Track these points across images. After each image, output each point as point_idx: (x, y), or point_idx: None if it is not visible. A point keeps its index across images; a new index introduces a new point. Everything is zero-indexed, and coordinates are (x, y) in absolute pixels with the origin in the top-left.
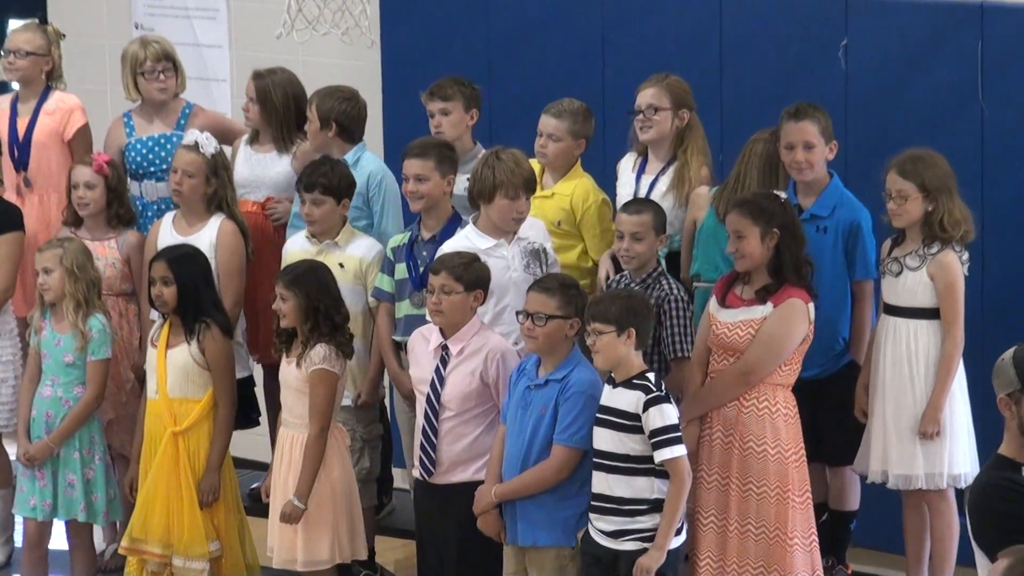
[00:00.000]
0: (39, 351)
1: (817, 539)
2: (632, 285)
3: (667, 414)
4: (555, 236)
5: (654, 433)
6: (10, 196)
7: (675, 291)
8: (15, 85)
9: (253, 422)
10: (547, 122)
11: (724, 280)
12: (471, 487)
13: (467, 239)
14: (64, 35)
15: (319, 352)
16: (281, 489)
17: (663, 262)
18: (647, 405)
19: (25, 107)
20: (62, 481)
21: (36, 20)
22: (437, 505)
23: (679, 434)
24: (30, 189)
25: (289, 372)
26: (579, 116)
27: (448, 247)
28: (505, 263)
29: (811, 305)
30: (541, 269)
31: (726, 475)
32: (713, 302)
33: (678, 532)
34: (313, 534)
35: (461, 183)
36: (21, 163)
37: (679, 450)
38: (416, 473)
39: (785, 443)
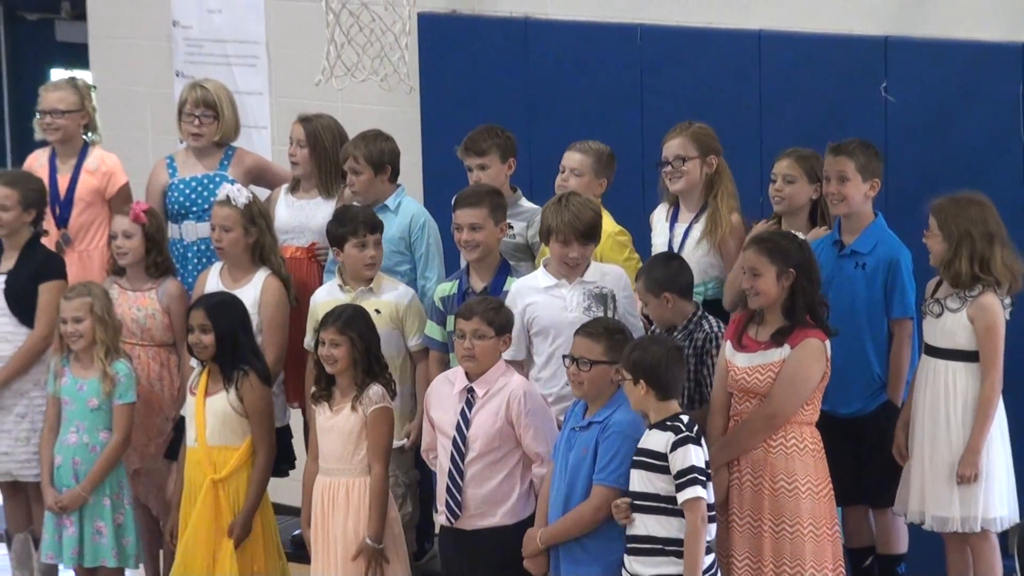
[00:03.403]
0: (59, 398)
1: (844, 571)
2: (675, 335)
3: (691, 455)
4: None
5: (678, 475)
6: None
7: (716, 329)
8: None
9: (283, 472)
10: (571, 157)
11: (736, 322)
12: (498, 533)
13: (535, 277)
14: (95, 86)
15: (377, 391)
16: (322, 538)
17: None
18: (674, 446)
19: (64, 164)
20: (89, 528)
21: (65, 77)
22: (465, 552)
23: (701, 476)
24: (70, 246)
25: (338, 419)
26: (603, 156)
27: (516, 285)
28: (563, 303)
29: (827, 343)
30: (606, 314)
31: (758, 516)
32: (728, 347)
33: None
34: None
35: None
36: (62, 220)
37: (696, 491)
38: (443, 519)
39: (815, 479)
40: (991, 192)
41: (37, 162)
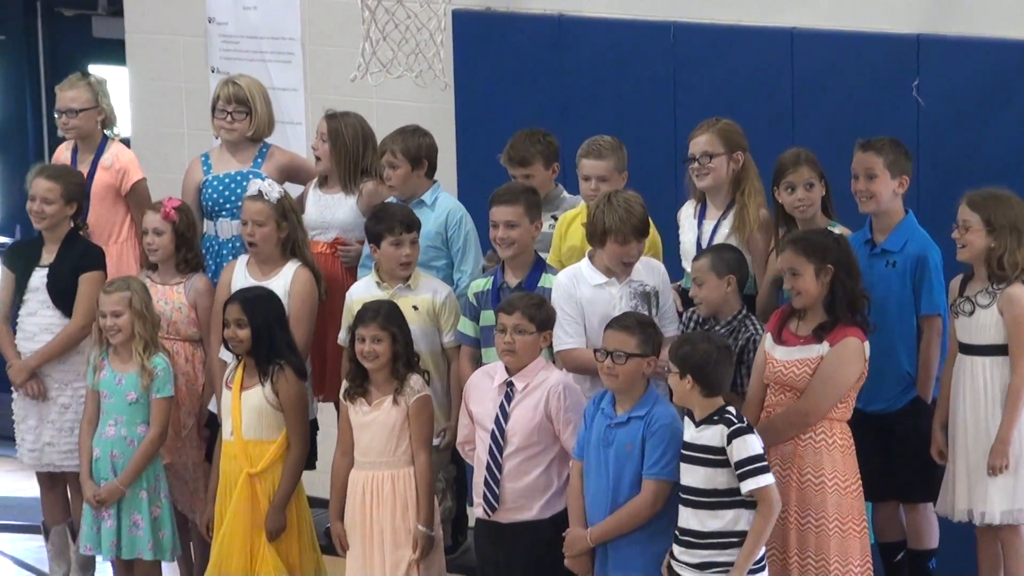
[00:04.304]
0: (98, 391)
1: (871, 567)
2: (718, 329)
3: (751, 445)
4: None
5: (739, 464)
6: None
7: (761, 332)
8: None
9: (310, 465)
10: (594, 165)
11: (777, 316)
12: (536, 526)
13: (580, 271)
14: (104, 79)
15: (417, 380)
16: (360, 532)
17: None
18: (731, 437)
19: (84, 160)
20: (126, 521)
21: (77, 75)
22: (502, 546)
23: (765, 463)
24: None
25: (379, 413)
26: (618, 150)
27: (561, 277)
28: (612, 301)
29: (866, 344)
30: (650, 312)
31: (785, 509)
32: (768, 339)
33: (761, 569)
34: (426, 564)
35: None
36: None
37: (767, 479)
38: (479, 511)
39: (843, 475)
40: (1022, 191)
41: (62, 155)
